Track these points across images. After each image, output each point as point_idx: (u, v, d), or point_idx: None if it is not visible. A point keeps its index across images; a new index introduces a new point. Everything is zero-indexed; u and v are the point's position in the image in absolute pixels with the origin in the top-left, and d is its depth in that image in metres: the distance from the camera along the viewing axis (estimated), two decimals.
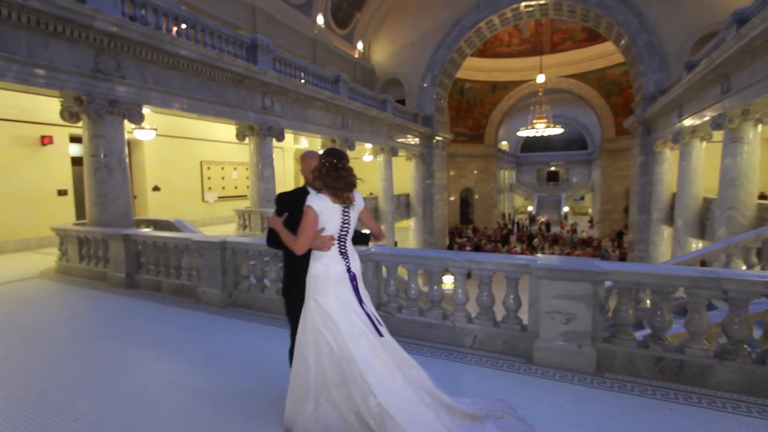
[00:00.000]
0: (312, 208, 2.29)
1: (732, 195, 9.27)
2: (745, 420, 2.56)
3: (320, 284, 2.35)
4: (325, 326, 2.30)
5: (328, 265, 2.37)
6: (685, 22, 15.67)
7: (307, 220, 2.29)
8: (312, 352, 2.31)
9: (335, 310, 2.31)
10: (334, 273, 2.36)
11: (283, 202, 2.54)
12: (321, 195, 2.32)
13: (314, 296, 2.36)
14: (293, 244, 2.34)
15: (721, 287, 2.87)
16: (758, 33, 7.35)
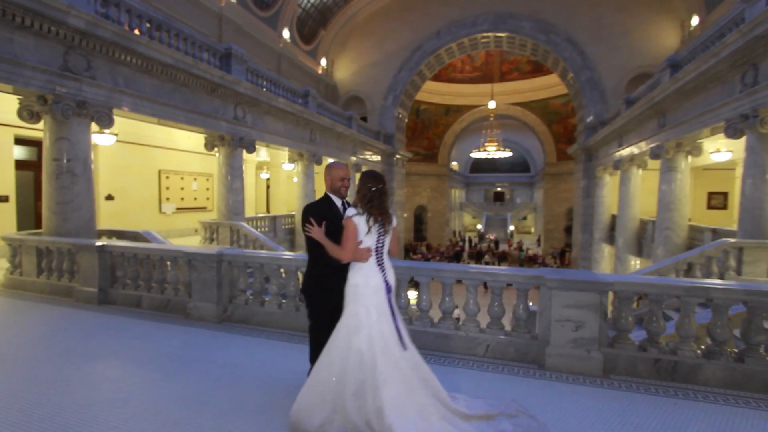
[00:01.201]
0: (352, 221, 2.48)
1: (668, 217, 10.45)
2: (736, 410, 2.95)
3: (359, 293, 2.49)
4: (357, 334, 2.40)
5: (368, 275, 2.52)
6: (621, 63, 17.65)
7: (348, 232, 2.48)
8: (340, 357, 2.39)
9: (371, 320, 2.44)
10: (373, 284, 2.51)
11: (316, 214, 2.67)
12: (361, 211, 2.50)
13: (352, 304, 2.49)
14: (339, 253, 2.52)
15: (708, 295, 3.31)
16: (691, 78, 8.52)
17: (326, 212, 2.74)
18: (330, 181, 2.82)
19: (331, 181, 2.82)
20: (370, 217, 2.49)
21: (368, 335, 2.40)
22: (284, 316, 4.48)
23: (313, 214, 2.66)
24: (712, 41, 8.26)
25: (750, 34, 6.44)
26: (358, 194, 2.56)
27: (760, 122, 6.69)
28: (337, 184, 2.79)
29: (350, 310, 2.48)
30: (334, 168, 2.85)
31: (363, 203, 2.52)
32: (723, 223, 13.43)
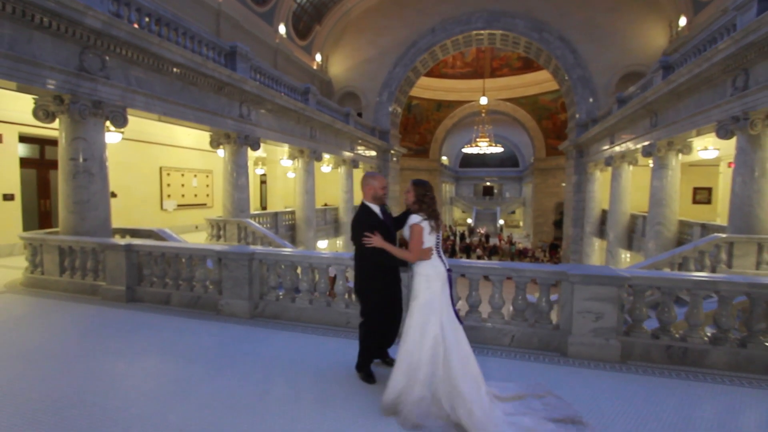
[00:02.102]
0: (419, 226, 2.87)
1: (659, 213, 10.94)
2: (741, 390, 3.30)
3: (432, 280, 2.86)
4: (431, 317, 2.78)
5: (435, 266, 2.90)
6: (611, 62, 18.13)
7: (416, 235, 2.87)
8: (420, 341, 2.76)
9: (442, 303, 2.83)
10: (439, 271, 2.89)
11: (369, 225, 3.06)
12: (425, 216, 2.88)
13: (424, 293, 2.84)
14: (407, 255, 2.91)
15: (716, 288, 3.65)
16: (684, 80, 8.93)
17: (374, 221, 3.11)
18: (373, 190, 3.17)
19: (374, 190, 3.17)
20: (431, 221, 2.86)
21: (439, 318, 2.78)
22: (315, 311, 4.70)
23: (366, 227, 3.03)
24: (704, 45, 8.67)
25: (742, 41, 6.84)
26: (417, 202, 2.91)
27: (751, 124, 7.13)
28: (379, 192, 3.18)
29: (424, 298, 2.83)
30: (376, 178, 3.21)
31: (424, 209, 2.87)
32: (707, 217, 14.08)
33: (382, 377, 3.23)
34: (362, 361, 3.34)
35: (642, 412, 2.98)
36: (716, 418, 3.02)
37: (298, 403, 2.96)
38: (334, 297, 4.78)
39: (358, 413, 2.83)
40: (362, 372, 3.32)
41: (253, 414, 2.80)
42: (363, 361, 3.34)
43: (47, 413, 2.75)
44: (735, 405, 3.13)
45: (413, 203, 2.95)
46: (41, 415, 2.73)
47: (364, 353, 3.33)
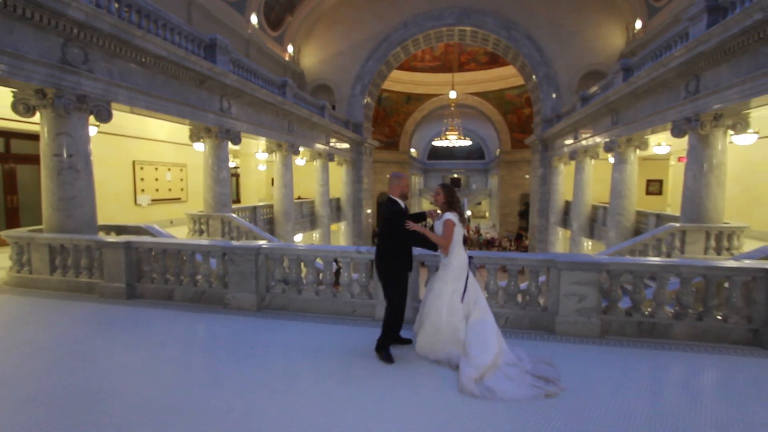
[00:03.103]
0: (452, 221, 3.43)
1: (619, 204, 11.90)
2: (699, 356, 3.91)
3: (461, 269, 3.47)
4: (458, 296, 3.43)
5: (461, 257, 3.49)
6: (574, 61, 19.14)
7: (450, 228, 3.41)
8: (447, 311, 3.44)
9: (473, 285, 3.49)
10: (462, 260, 3.49)
11: (405, 215, 3.60)
12: (455, 214, 3.47)
13: (453, 281, 3.46)
14: (443, 242, 3.46)
15: (678, 271, 4.25)
16: (643, 83, 9.75)
17: (403, 212, 3.66)
18: (400, 188, 3.71)
19: (401, 188, 3.71)
20: (460, 217, 3.42)
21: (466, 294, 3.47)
22: (322, 302, 4.96)
23: (400, 216, 3.57)
24: (661, 51, 9.50)
25: (694, 50, 7.62)
26: (446, 203, 3.48)
27: (701, 125, 7.98)
28: (406, 190, 3.77)
29: (453, 283, 3.46)
30: (403, 178, 3.77)
31: (454, 208, 3.44)
32: (659, 207, 15.36)
33: (396, 357, 3.64)
34: (385, 342, 3.68)
35: (620, 377, 3.51)
36: (680, 380, 3.60)
37: (329, 382, 3.26)
38: (339, 288, 5.06)
39: (396, 383, 3.22)
40: (382, 352, 3.65)
41: (290, 394, 3.07)
42: (386, 342, 3.68)
43: (91, 404, 2.90)
44: (695, 369, 3.73)
45: (443, 203, 3.52)
46: (87, 406, 2.88)
47: (387, 334, 3.68)
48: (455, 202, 3.52)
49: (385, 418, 2.75)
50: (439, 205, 3.58)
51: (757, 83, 6.66)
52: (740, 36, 6.66)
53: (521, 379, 3.21)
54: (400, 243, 3.60)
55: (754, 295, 4.10)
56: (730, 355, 3.89)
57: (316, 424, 2.67)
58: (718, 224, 8.04)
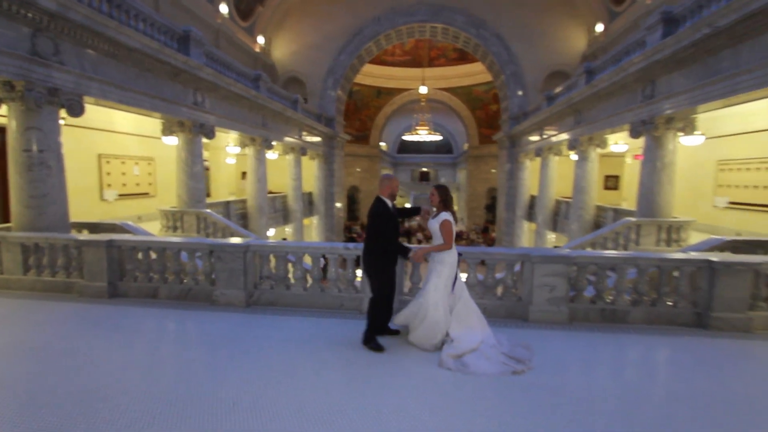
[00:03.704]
0: (449, 221, 3.73)
1: (581, 199, 12.67)
2: (653, 337, 4.42)
3: (453, 265, 3.79)
4: (448, 288, 3.81)
5: (453, 253, 3.81)
6: (540, 60, 19.92)
7: (450, 228, 3.72)
8: (444, 302, 3.80)
9: (461, 279, 3.88)
10: (454, 257, 3.83)
11: (385, 215, 3.87)
12: (450, 213, 3.75)
13: (448, 272, 3.79)
14: (446, 246, 3.79)
15: (636, 263, 4.75)
16: (604, 86, 10.42)
17: (389, 213, 3.90)
18: (390, 189, 3.97)
19: (390, 189, 3.97)
20: (455, 217, 3.71)
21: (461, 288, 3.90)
22: (311, 296, 5.15)
23: (384, 218, 3.85)
24: (620, 56, 10.18)
25: (651, 58, 8.26)
26: (442, 202, 3.75)
27: (655, 127, 8.68)
28: (395, 191, 4.02)
29: (446, 277, 3.79)
30: (393, 179, 4.03)
31: (449, 207, 3.71)
32: (615, 202, 16.42)
33: (386, 346, 3.91)
34: (370, 335, 3.93)
35: (587, 358, 3.95)
36: (638, 359, 4.09)
37: (328, 372, 3.48)
38: (327, 283, 5.26)
39: (390, 370, 3.50)
40: (371, 344, 3.90)
41: (293, 384, 3.26)
42: (371, 334, 3.93)
43: (97, 402, 2.98)
44: (650, 349, 4.23)
45: (439, 203, 3.79)
46: (95, 405, 2.95)
47: (372, 327, 3.94)
48: (449, 200, 3.80)
49: (383, 402, 3.01)
50: (434, 204, 3.85)
51: (704, 91, 7.35)
52: (690, 47, 7.32)
53: (496, 359, 3.60)
54: (385, 241, 3.85)
55: (698, 283, 4.66)
56: (679, 336, 4.43)
57: (323, 410, 2.89)
58: (668, 218, 8.82)
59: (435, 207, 3.86)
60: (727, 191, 10.85)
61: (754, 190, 10.04)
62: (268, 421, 2.76)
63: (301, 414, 2.84)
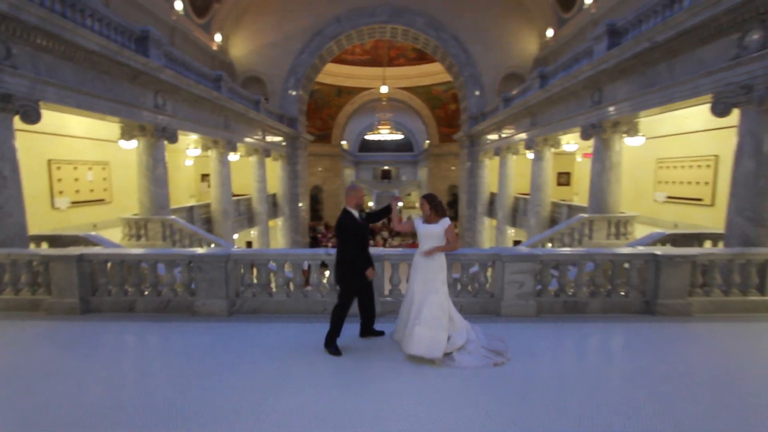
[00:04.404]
0: (452, 224, 4.00)
1: (538, 196, 13.48)
2: (609, 325, 4.94)
3: (445, 266, 4.04)
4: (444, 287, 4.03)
5: (444, 257, 4.06)
6: (496, 62, 20.77)
7: (452, 230, 3.99)
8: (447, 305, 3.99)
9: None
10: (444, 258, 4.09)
11: (351, 226, 4.02)
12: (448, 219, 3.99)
13: (442, 272, 4.02)
14: (452, 247, 4.06)
15: (593, 258, 5.26)
16: (557, 91, 11.16)
17: (355, 224, 4.05)
18: (355, 199, 4.13)
19: (356, 199, 4.13)
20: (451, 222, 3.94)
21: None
22: (294, 302, 5.26)
23: (350, 229, 4.00)
24: (571, 63, 10.94)
25: (598, 67, 8.99)
26: (433, 208, 3.93)
27: (603, 130, 9.45)
28: (361, 201, 4.17)
29: (442, 277, 4.00)
30: (358, 190, 4.22)
31: (441, 213, 3.93)
32: (567, 197, 17.54)
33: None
34: (330, 339, 4.09)
35: (555, 346, 4.38)
36: (598, 345, 4.58)
37: (322, 375, 3.65)
38: (309, 288, 5.39)
39: (386, 364, 3.74)
40: (331, 348, 4.06)
41: (290, 389, 3.41)
42: (331, 339, 4.09)
43: (96, 419, 2.98)
44: (607, 335, 4.74)
45: (430, 210, 3.93)
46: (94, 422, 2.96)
47: (333, 332, 4.09)
48: (440, 206, 3.95)
49: (380, 400, 3.23)
50: (426, 214, 3.97)
51: (644, 99, 8.13)
52: (632, 59, 8.05)
53: (477, 352, 3.92)
54: (351, 252, 4.00)
55: (646, 275, 5.25)
56: (631, 323, 4.98)
57: (325, 411, 3.06)
58: (617, 214, 9.65)
59: (426, 217, 3.98)
60: (665, 187, 11.98)
61: (688, 186, 11.17)
62: (273, 426, 2.90)
63: (304, 416, 3.01)
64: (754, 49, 5.72)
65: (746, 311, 5.16)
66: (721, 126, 8.91)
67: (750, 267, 5.19)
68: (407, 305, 4.05)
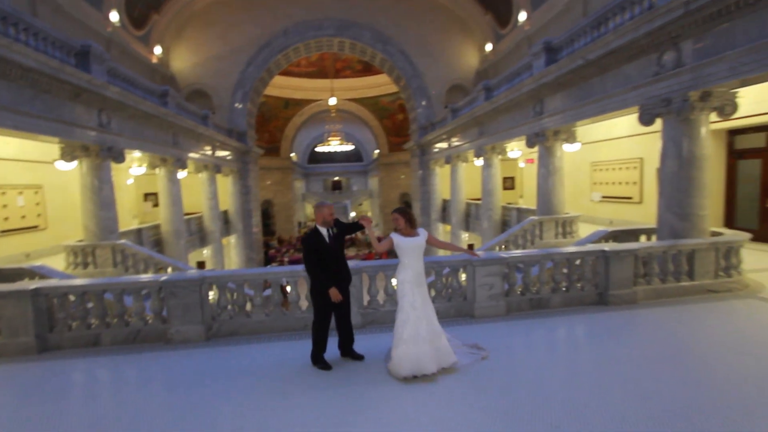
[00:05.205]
0: (429, 233, 4.12)
1: (489, 201, 14.26)
2: (571, 317, 5.43)
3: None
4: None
5: None
6: (441, 75, 21.71)
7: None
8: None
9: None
10: None
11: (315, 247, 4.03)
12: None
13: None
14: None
15: (553, 257, 5.76)
16: (502, 102, 11.97)
17: (321, 244, 4.04)
18: (322, 216, 4.10)
19: (323, 216, 4.10)
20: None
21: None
22: (273, 321, 5.23)
23: (314, 250, 4.01)
24: (513, 77, 11.81)
25: (539, 81, 9.81)
26: (409, 222, 3.96)
27: (546, 138, 10.29)
28: (328, 218, 4.09)
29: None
30: (325, 207, 4.17)
31: (415, 225, 4.03)
32: (513, 199, 18.66)
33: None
34: (317, 353, 4.14)
35: (527, 341, 4.78)
36: (563, 336, 5.04)
37: (323, 388, 3.70)
38: (288, 306, 5.38)
39: (378, 374, 3.82)
40: (319, 364, 4.11)
41: (290, 407, 3.43)
42: (318, 352, 4.14)
43: None
44: (570, 327, 5.22)
45: (405, 223, 3.94)
46: None
47: (318, 344, 4.14)
48: (413, 216, 4.01)
49: (376, 406, 3.36)
50: (402, 228, 3.97)
51: (581, 110, 9.00)
52: (569, 74, 8.90)
53: (461, 351, 4.15)
54: (312, 269, 4.02)
55: (598, 269, 5.83)
56: (589, 314, 5.51)
57: (329, 423, 3.14)
58: (562, 215, 10.51)
59: (402, 230, 3.96)
60: (599, 188, 13.21)
61: (619, 186, 12.42)
62: None
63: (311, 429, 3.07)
64: (670, 68, 6.61)
65: (680, 295, 5.90)
66: (644, 132, 10.07)
67: (681, 256, 5.95)
68: (422, 325, 3.82)
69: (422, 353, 3.73)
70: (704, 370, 3.83)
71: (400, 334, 3.80)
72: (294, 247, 31.43)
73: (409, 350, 3.73)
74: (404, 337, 3.77)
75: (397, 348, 3.81)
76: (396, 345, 3.82)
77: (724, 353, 4.12)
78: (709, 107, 6.37)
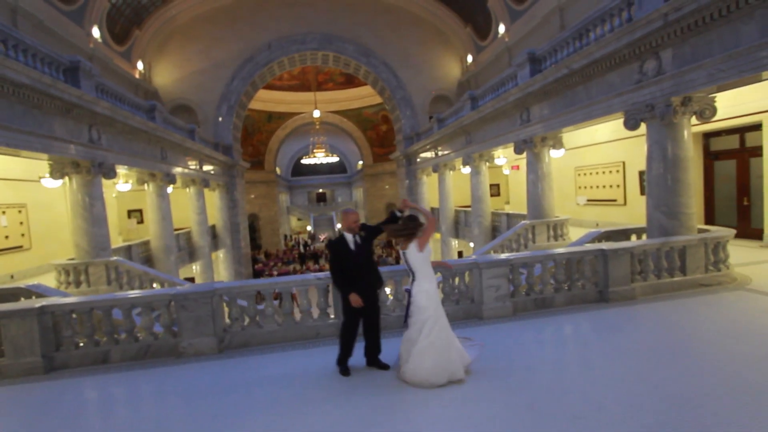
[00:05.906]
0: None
1: (479, 207, 14.54)
2: (575, 315, 5.62)
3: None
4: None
5: None
6: (424, 85, 22.16)
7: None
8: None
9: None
10: None
11: (339, 251, 4.06)
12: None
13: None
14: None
15: (554, 258, 5.97)
16: (489, 111, 12.33)
17: (344, 249, 4.06)
18: (347, 223, 4.14)
19: (348, 224, 4.14)
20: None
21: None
22: (286, 330, 5.23)
23: (336, 250, 4.06)
24: (498, 86, 12.20)
25: (525, 90, 10.18)
26: (421, 228, 3.97)
27: (534, 145, 10.64)
28: (353, 225, 4.11)
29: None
30: (351, 214, 4.19)
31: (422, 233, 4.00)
32: (500, 205, 19.06)
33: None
34: (342, 356, 4.14)
35: (536, 337, 4.94)
36: (570, 333, 5.20)
37: (344, 395, 3.73)
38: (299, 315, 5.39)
39: (392, 387, 3.85)
40: (341, 366, 4.13)
41: (311, 415, 3.43)
42: (342, 356, 4.14)
43: None
44: (575, 323, 5.39)
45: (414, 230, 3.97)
46: None
47: (343, 348, 4.13)
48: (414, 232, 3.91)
49: (404, 408, 3.43)
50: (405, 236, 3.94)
51: (567, 117, 9.37)
52: (554, 83, 9.28)
53: (465, 346, 4.20)
54: (335, 274, 4.08)
55: (597, 268, 6.06)
56: (591, 311, 5.71)
57: (358, 425, 3.19)
58: (553, 218, 10.83)
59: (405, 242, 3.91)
60: (584, 191, 13.67)
61: (603, 189, 12.88)
62: None
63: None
64: (652, 75, 7.00)
65: (674, 290, 6.17)
66: (625, 136, 10.53)
67: (673, 253, 6.25)
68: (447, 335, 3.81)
69: (452, 359, 3.74)
70: (707, 358, 4.03)
71: (431, 342, 3.72)
72: (282, 261, 31.09)
73: (441, 358, 3.70)
74: (436, 344, 3.71)
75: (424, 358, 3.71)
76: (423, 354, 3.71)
77: (723, 342, 4.35)
78: (690, 111, 6.77)
